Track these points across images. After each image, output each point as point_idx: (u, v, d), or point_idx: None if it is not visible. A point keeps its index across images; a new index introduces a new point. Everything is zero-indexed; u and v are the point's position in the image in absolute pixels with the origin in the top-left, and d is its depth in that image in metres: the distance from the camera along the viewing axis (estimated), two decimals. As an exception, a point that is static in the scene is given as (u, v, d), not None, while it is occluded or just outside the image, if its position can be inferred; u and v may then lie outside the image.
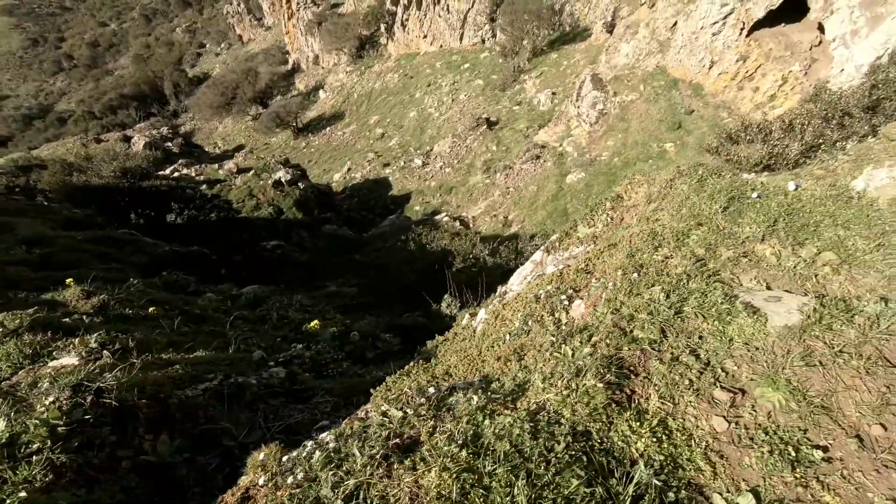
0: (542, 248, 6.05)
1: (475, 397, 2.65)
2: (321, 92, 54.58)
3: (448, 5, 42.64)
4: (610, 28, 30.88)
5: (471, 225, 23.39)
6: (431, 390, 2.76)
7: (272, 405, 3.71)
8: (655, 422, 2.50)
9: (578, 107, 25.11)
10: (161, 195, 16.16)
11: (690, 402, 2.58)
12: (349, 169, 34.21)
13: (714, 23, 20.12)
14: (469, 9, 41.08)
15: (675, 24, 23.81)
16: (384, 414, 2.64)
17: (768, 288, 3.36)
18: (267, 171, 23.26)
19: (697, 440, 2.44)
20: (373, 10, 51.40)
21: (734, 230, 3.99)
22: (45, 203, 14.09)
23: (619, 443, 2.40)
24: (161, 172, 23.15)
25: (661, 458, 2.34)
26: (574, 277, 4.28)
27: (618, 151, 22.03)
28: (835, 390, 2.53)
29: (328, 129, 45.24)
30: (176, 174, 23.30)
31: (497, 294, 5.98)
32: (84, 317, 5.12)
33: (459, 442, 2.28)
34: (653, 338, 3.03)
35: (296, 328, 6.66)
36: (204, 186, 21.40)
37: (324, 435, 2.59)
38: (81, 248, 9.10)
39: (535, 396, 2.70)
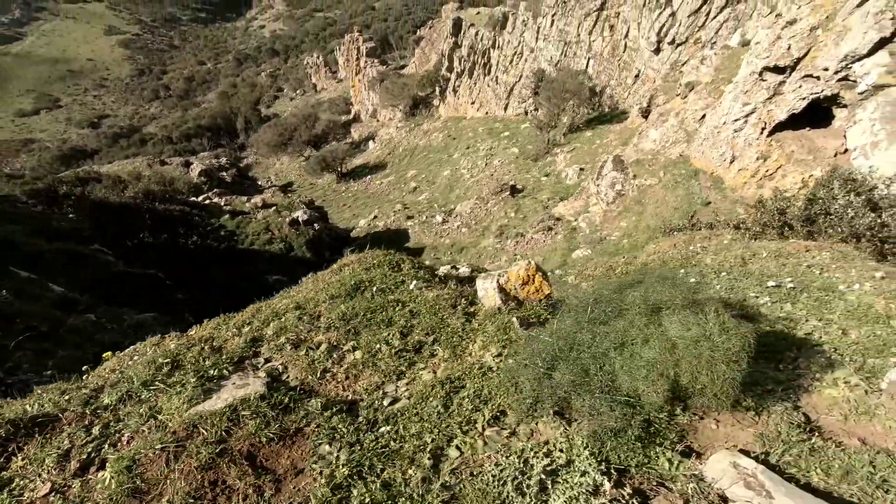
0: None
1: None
2: (371, 143, 57.70)
3: (497, 77, 44.86)
4: (645, 113, 31.32)
5: (473, 287, 23.33)
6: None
7: None
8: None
9: (598, 185, 25.21)
10: (173, 219, 17.40)
11: (49, 466, 2.77)
12: (375, 217, 35.39)
13: (736, 119, 20.05)
14: (516, 82, 43.00)
15: (704, 116, 23.91)
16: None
17: (272, 375, 3.56)
18: (288, 209, 24.48)
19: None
20: (429, 74, 54.77)
21: (320, 317, 4.26)
22: (67, 214, 15.61)
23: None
24: (193, 199, 24.95)
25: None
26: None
27: (628, 233, 21.71)
28: (166, 478, 2.66)
29: (369, 177, 47.38)
30: (207, 202, 25.03)
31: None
32: None
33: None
34: (112, 402, 3.30)
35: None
36: (226, 217, 22.74)
37: None
38: (38, 256, 9.93)
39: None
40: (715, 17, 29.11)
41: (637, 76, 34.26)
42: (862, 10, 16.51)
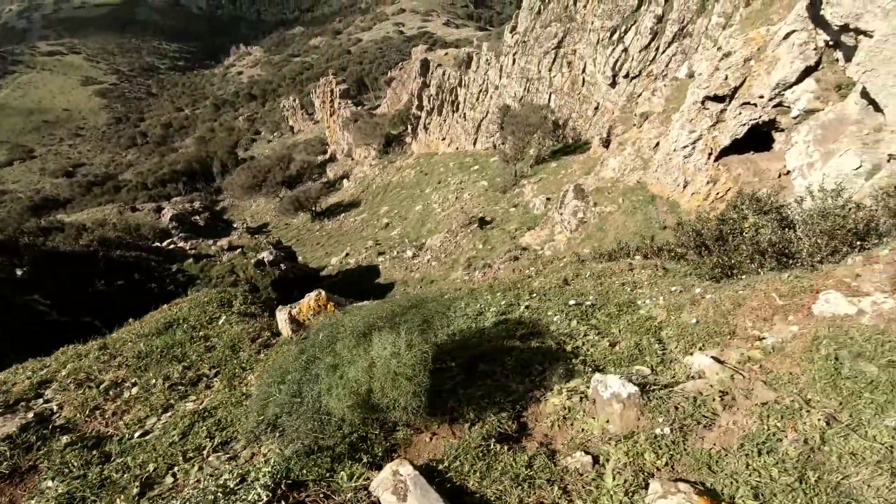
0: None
1: None
2: (346, 181, 58.24)
3: (465, 113, 46.12)
4: (606, 143, 32.36)
5: (442, 320, 23.22)
6: None
7: None
8: None
9: (561, 214, 25.71)
10: (128, 266, 17.20)
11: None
12: (347, 254, 35.36)
13: (685, 146, 20.84)
14: (483, 118, 44.23)
15: (658, 144, 24.80)
16: None
17: (42, 415, 3.75)
18: (254, 250, 24.34)
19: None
20: (400, 113, 56.06)
21: (118, 356, 4.63)
22: (22, 264, 15.35)
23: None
24: (156, 244, 24.71)
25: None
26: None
27: (591, 260, 21.99)
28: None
29: (343, 215, 47.59)
30: (171, 246, 24.79)
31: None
32: None
33: None
34: None
35: None
36: (189, 261, 22.48)
37: None
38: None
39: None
40: (664, 52, 30.63)
41: (597, 108, 35.58)
42: (788, 41, 17.59)
